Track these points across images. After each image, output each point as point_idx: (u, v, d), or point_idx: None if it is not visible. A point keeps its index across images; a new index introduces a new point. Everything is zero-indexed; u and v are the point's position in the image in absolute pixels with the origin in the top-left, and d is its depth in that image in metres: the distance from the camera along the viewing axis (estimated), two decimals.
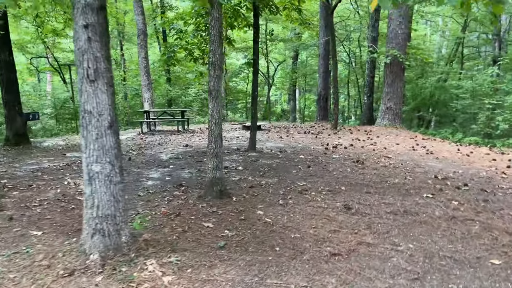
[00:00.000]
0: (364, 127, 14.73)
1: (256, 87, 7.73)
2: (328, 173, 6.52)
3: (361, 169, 6.98)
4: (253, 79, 7.75)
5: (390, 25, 13.88)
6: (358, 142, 10.95)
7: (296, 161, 7.45)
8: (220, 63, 4.48)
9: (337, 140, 11.30)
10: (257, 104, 7.86)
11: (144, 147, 9.48)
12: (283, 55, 31.57)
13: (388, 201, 5.07)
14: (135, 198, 4.91)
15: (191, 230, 3.79)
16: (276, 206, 4.63)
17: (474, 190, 5.78)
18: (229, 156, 7.65)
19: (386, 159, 8.32)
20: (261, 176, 6.11)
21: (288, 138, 11.40)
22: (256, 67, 7.66)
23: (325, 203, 4.87)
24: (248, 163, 7.09)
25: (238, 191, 5.22)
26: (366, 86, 16.42)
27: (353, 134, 12.74)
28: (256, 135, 11.28)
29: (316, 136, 11.97)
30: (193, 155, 7.84)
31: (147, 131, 13.28)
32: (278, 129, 14.38)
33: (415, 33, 25.69)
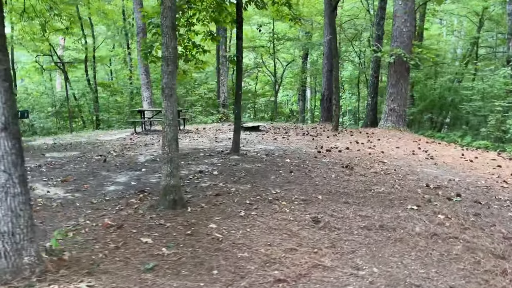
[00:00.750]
0: (366, 129, 14.13)
1: (240, 85, 7.26)
2: (309, 180, 6.01)
3: (347, 175, 6.46)
4: (237, 77, 7.29)
5: (395, 23, 13.25)
6: (356, 145, 10.39)
7: (279, 165, 6.97)
8: (174, 57, 4.03)
9: (334, 142, 10.77)
10: (240, 103, 7.40)
11: (127, 148, 9.09)
12: (291, 55, 31.03)
13: (365, 213, 4.56)
14: (85, 206, 4.50)
15: (125, 247, 3.34)
16: (235, 218, 4.16)
17: (466, 201, 5.22)
18: (209, 159, 7.20)
19: (380, 164, 7.77)
20: (233, 182, 5.65)
21: (283, 140, 10.91)
22: (239, 65, 7.20)
23: (293, 215, 4.37)
24: (227, 167, 6.63)
25: (200, 199, 4.76)
26: (370, 86, 15.79)
27: (353, 137, 12.17)
28: (249, 137, 10.88)
29: (313, 138, 11.44)
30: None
31: (141, 131, 12.93)
32: (278, 130, 13.89)
33: (428, 32, 24.87)
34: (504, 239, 3.94)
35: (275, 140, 10.80)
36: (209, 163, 6.87)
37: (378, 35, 14.84)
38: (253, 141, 10.21)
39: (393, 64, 13.20)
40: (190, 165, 6.74)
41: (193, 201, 4.64)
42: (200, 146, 9.07)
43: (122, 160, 7.39)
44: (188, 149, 8.45)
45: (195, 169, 6.44)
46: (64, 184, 5.53)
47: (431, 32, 26.15)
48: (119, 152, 8.39)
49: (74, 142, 10.88)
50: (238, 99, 7.32)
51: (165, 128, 4.15)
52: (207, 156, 7.45)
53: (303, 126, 15.41)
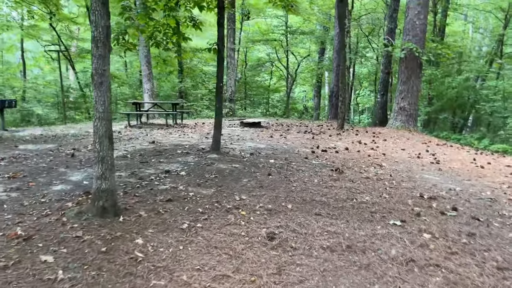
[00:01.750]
0: (374, 129, 13.29)
1: (221, 77, 6.60)
2: (286, 184, 5.32)
3: (333, 181, 5.74)
4: (218, 69, 6.62)
5: (407, 15, 12.33)
6: (358, 145, 9.62)
7: (260, 167, 6.28)
8: (106, 38, 3.40)
9: (334, 142, 10.02)
10: (222, 97, 6.74)
11: None
12: (307, 50, 30.14)
13: (336, 228, 3.85)
14: (11, 209, 3.92)
15: (15, 267, 2.74)
16: (174, 231, 3.51)
17: (463, 217, 4.44)
18: (184, 158, 6.57)
19: (377, 168, 7.01)
20: (197, 185, 5.00)
21: (280, 137, 10.21)
22: (220, 54, 6.53)
23: (247, 228, 3.71)
24: (199, 167, 5.99)
25: (143, 205, 4.13)
26: (380, 83, 14.88)
27: (358, 136, 11.37)
28: (245, 133, 10.17)
29: (313, 136, 10.70)
30: (145, 154, 6.81)
31: (136, 124, 12.42)
32: (280, 127, 13.19)
33: (451, 28, 23.66)
34: (497, 269, 3.18)
35: (271, 137, 10.11)
36: (182, 162, 6.24)
37: (391, 29, 13.92)
38: (246, 138, 9.54)
39: (404, 60, 12.30)
40: (160, 164, 6.12)
41: (134, 207, 4.02)
42: (185, 142, 8.46)
43: (91, 155, 6.83)
44: (169, 145, 7.84)
45: (163, 168, 5.82)
46: (10, 181, 4.98)
47: (454, 28, 24.90)
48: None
49: (61, 133, 10.42)
50: (219, 92, 6.65)
51: (96, 123, 3.52)
52: (184, 154, 6.82)
53: (309, 124, 14.65)
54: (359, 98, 33.81)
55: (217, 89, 6.67)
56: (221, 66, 6.59)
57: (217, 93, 6.67)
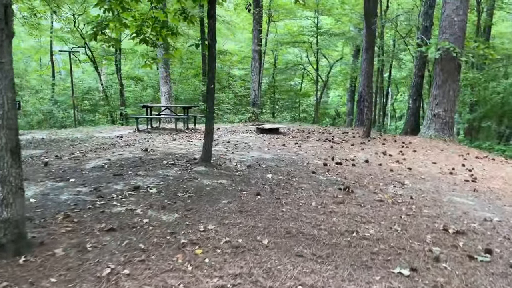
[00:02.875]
0: (404, 138, 11.98)
1: (212, 78, 5.69)
2: (273, 209, 4.32)
3: (336, 204, 4.68)
4: (209, 68, 5.71)
5: (444, 11, 10.98)
6: (381, 157, 8.46)
7: (251, 183, 5.31)
8: (7, 17, 2.55)
9: (355, 153, 8.88)
10: (213, 101, 5.81)
11: (103, 148, 7.83)
12: (340, 52, 28.86)
13: (317, 279, 2.82)
14: None
15: None
16: (87, 280, 2.60)
17: (498, 264, 3.29)
18: (166, 170, 5.68)
19: (397, 186, 5.88)
20: (161, 209, 4.09)
21: (294, 146, 9.18)
22: (212, 51, 5.63)
23: (192, 278, 2.74)
24: (178, 182, 5.08)
25: (71, 237, 3.25)
26: (412, 87, 13.49)
27: (384, 146, 10.16)
28: (256, 141, 9.15)
29: (332, 146, 9.59)
30: (126, 165, 5.98)
31: (145, 129, 11.73)
32: (300, 133, 12.14)
33: (497, 29, 21.75)
34: None
35: (283, 146, 9.10)
36: (161, 176, 5.36)
37: (426, 27, 12.58)
38: (253, 147, 8.58)
39: (440, 61, 10.96)
40: (135, 177, 5.27)
41: (55, 241, 3.14)
42: (182, 150, 7.60)
43: (68, 164, 6.09)
44: (161, 153, 7.00)
45: (135, 183, 4.96)
46: None
47: (501, 29, 22.88)
48: (83, 154, 7.12)
49: (62, 138, 9.87)
50: (210, 95, 5.74)
51: None
52: (169, 166, 5.94)
53: (333, 130, 13.49)
54: (396, 104, 32.12)
55: (207, 91, 5.76)
56: (212, 64, 5.68)
57: (208, 97, 5.76)
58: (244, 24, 26.62)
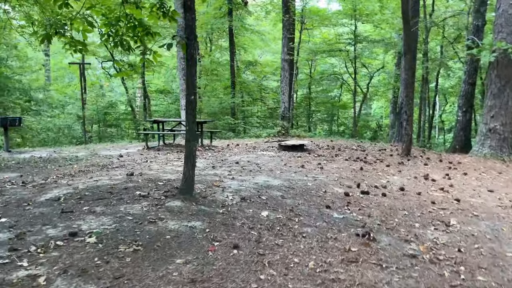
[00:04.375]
0: (452, 156, 10.18)
1: (192, 86, 4.42)
2: (246, 275, 2.95)
3: (346, 264, 3.24)
4: (187, 73, 4.45)
5: (499, 6, 9.21)
6: (422, 183, 6.86)
7: (236, 226, 3.96)
8: None
9: (389, 176, 7.32)
10: (194, 116, 4.53)
11: (81, 172, 6.75)
12: (381, 61, 26.96)
13: None
14: None
15: None
16: None
17: None
18: (132, 205, 4.42)
19: (439, 228, 4.35)
20: (78, 275, 2.82)
21: (315, 168, 7.74)
22: (190, 51, 4.37)
23: None
24: (136, 225, 3.82)
25: None
26: (461, 97, 11.61)
27: (426, 167, 8.50)
28: (274, 160, 7.68)
29: (362, 166, 8.05)
30: (89, 197, 4.80)
31: (156, 146, 10.68)
32: (329, 151, 10.66)
33: None
34: None
35: (301, 168, 7.68)
36: (120, 214, 4.11)
37: (477, 26, 10.78)
38: (263, 169, 7.22)
39: (496, 65, 9.17)
40: (87, 216, 4.06)
41: None
42: (170, 175, 6.36)
43: (23, 194, 4.99)
44: (143, 180, 5.79)
45: (77, 226, 3.75)
46: None
47: None
48: (56, 179, 6.06)
49: (61, 157, 8.97)
50: (190, 109, 4.48)
51: None
52: (139, 198, 4.69)
53: (368, 147, 11.86)
54: (444, 115, 29.70)
55: (186, 104, 4.50)
56: (191, 69, 4.43)
57: (187, 108, 4.50)
58: (279, 34, 25.49)
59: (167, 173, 6.52)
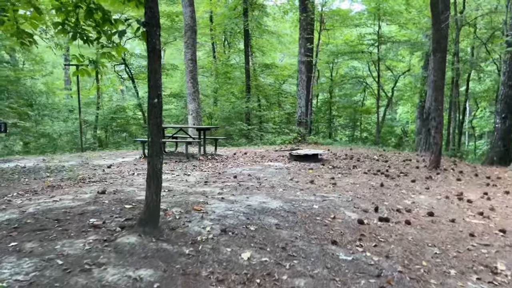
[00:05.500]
0: (489, 169, 8.86)
1: (155, 87, 3.39)
2: None
3: None
4: (149, 72, 3.42)
5: None
6: (455, 205, 5.66)
7: (201, 276, 2.90)
8: None
9: (415, 196, 6.12)
10: (158, 125, 3.50)
11: (53, 187, 5.83)
12: (407, 64, 25.45)
13: None
14: None
15: None
16: None
17: None
18: (70, 241, 3.39)
19: (483, 278, 3.20)
20: None
21: (325, 184, 6.61)
22: (153, 42, 3.35)
23: None
24: (62, 276, 2.80)
25: None
26: (501, 101, 10.20)
27: (460, 183, 7.25)
28: (281, 172, 6.50)
29: (383, 183, 6.87)
30: (23, 228, 3.78)
31: None
32: (346, 161, 9.49)
33: None
34: None
35: (310, 183, 6.56)
36: (50, 255, 3.10)
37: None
38: (263, 185, 6.13)
39: None
40: (7, 258, 3.06)
41: None
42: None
43: None
44: (111, 200, 4.78)
45: None
46: None
47: None
48: (14, 198, 5.15)
49: (48, 166, 8.14)
50: (153, 114, 3.46)
51: None
52: (88, 230, 3.67)
53: (391, 157, 10.60)
54: (475, 121, 27.90)
55: (149, 109, 3.48)
56: (153, 65, 3.41)
57: (149, 113, 3.48)
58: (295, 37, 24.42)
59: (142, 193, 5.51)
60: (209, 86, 19.18)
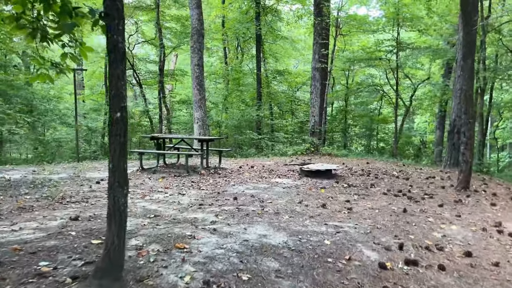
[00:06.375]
0: None
1: (116, 96, 2.60)
2: None
3: None
4: (110, 74, 2.63)
5: None
6: (494, 240, 4.74)
7: None
8: None
9: (446, 226, 5.19)
10: (122, 144, 2.71)
11: (17, 209, 5.07)
12: (426, 72, 24.35)
13: None
14: None
15: None
16: None
17: None
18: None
19: None
20: None
21: (340, 209, 5.72)
22: (112, 36, 2.56)
23: None
24: None
25: None
26: None
27: (495, 209, 6.29)
28: (290, 192, 5.58)
29: (406, 208, 5.94)
30: None
31: (153, 167, 8.97)
32: (363, 178, 8.59)
33: None
34: None
35: (322, 207, 5.68)
36: None
37: None
38: (266, 211, 5.27)
39: None
40: None
41: None
42: (133, 219, 4.56)
43: None
44: (77, 233, 3.99)
45: None
46: None
47: None
48: None
49: (36, 178, 7.43)
50: (116, 131, 2.66)
51: None
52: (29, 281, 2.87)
53: (413, 173, 9.63)
54: (498, 132, 26.65)
55: (111, 124, 2.68)
56: (116, 70, 2.62)
57: (111, 134, 2.68)
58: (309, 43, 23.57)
59: (132, 214, 4.71)
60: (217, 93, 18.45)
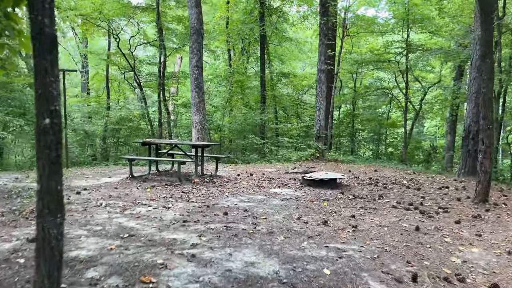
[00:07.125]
0: None
1: (45, 99, 2.00)
2: None
3: None
4: (36, 74, 2.03)
5: None
6: None
7: None
8: None
9: (465, 247, 4.50)
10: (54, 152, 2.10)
11: None
12: (436, 75, 23.57)
13: None
14: None
15: None
16: None
17: None
18: None
19: None
20: None
21: (343, 226, 5.05)
22: (39, 25, 1.97)
23: None
24: None
25: None
26: None
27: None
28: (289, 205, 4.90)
29: (419, 225, 5.25)
30: None
31: (144, 175, 8.36)
32: (370, 187, 7.91)
33: None
34: None
35: (323, 224, 5.01)
36: None
37: None
38: (259, 230, 4.62)
39: None
40: None
41: None
42: (84, 252, 3.94)
43: None
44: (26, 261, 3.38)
45: None
46: None
47: None
48: None
49: (12, 187, 6.86)
50: (43, 142, 2.04)
51: None
52: None
53: (424, 182, 8.92)
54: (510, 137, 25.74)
55: (38, 135, 2.07)
56: (42, 61, 2.02)
57: (38, 147, 2.07)
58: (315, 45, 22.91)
59: (102, 235, 4.09)
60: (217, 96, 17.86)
